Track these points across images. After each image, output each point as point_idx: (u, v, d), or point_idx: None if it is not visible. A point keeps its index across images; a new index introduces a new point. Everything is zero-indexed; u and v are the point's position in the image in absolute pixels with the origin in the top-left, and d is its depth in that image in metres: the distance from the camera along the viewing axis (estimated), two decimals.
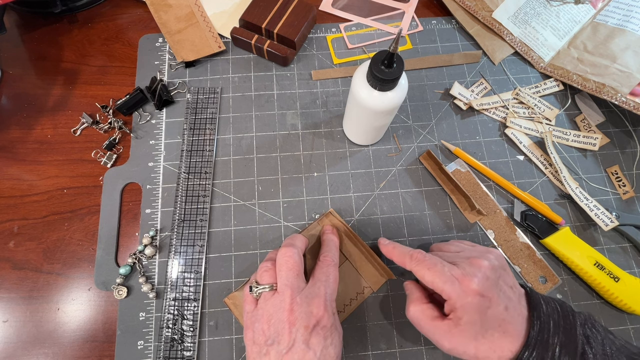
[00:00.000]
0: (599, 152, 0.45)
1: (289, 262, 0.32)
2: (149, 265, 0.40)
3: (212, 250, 0.41)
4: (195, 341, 0.38)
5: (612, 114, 0.47)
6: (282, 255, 0.33)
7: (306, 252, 0.38)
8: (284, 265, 0.32)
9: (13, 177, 0.43)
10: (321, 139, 0.45)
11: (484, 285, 0.29)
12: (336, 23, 0.51)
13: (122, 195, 0.43)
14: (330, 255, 0.36)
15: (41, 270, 0.40)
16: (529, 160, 0.45)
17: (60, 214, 0.42)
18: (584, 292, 0.40)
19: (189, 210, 0.42)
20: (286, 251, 0.33)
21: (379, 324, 0.39)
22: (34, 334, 0.38)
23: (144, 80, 0.47)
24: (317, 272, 0.34)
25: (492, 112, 0.47)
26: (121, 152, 0.45)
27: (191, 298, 0.39)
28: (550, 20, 0.49)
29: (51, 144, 0.45)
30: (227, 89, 0.47)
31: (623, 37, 0.46)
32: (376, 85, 0.33)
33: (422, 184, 0.44)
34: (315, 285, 0.32)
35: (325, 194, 0.43)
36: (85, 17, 0.51)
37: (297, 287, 0.31)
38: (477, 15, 0.50)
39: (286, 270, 0.32)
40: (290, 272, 0.32)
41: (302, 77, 0.48)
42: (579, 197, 0.42)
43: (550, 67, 0.48)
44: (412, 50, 0.50)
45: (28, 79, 0.48)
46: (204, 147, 0.44)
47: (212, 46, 0.48)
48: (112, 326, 0.38)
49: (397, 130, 0.46)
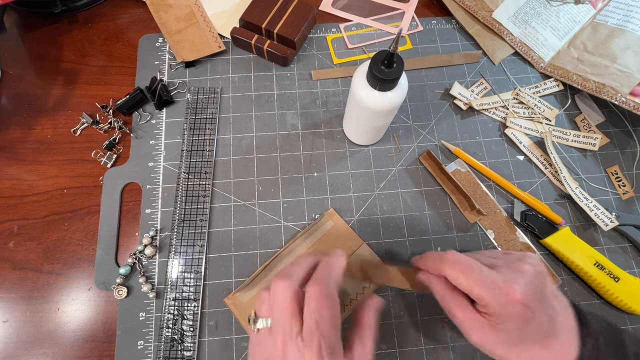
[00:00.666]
0: (599, 152, 0.45)
1: (280, 301, 0.27)
2: (149, 265, 0.40)
3: (212, 250, 0.41)
4: (195, 341, 0.37)
5: (612, 114, 0.47)
6: (274, 289, 0.28)
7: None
8: (276, 303, 0.27)
9: (13, 177, 0.43)
10: (321, 139, 0.45)
11: (527, 294, 0.26)
12: (336, 23, 0.51)
13: (122, 195, 0.43)
14: (319, 284, 0.27)
15: (41, 270, 0.40)
16: (529, 160, 0.45)
17: (60, 214, 0.42)
18: (584, 292, 0.40)
19: (189, 210, 0.42)
20: (278, 286, 0.27)
21: (379, 324, 0.39)
22: (34, 334, 0.38)
23: (144, 80, 0.47)
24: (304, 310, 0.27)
25: (492, 112, 0.47)
26: (121, 152, 0.45)
27: (191, 298, 0.39)
28: (550, 20, 0.49)
29: (51, 144, 0.45)
30: (227, 89, 0.47)
31: (623, 37, 0.46)
32: (376, 85, 0.33)
33: (422, 184, 0.44)
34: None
35: (325, 194, 0.43)
36: (85, 17, 0.51)
37: (290, 331, 0.26)
38: (477, 15, 0.50)
39: (278, 310, 0.27)
40: (281, 312, 0.26)
41: (302, 77, 0.48)
42: (579, 197, 0.42)
43: (550, 67, 0.48)
44: (412, 50, 0.50)
45: (28, 79, 0.48)
46: (204, 147, 0.44)
47: (212, 46, 0.48)
48: (112, 326, 0.38)
49: (397, 130, 0.46)
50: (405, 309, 0.39)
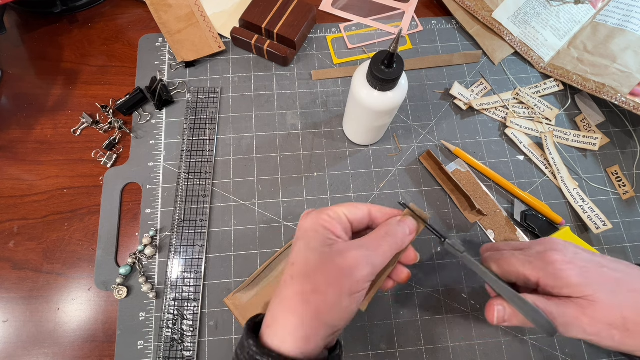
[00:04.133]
0: (599, 152, 0.45)
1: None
2: (149, 265, 0.40)
3: (212, 250, 0.41)
4: (195, 341, 0.37)
5: (612, 114, 0.47)
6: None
7: None
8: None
9: (13, 177, 0.43)
10: (321, 139, 0.45)
11: (569, 253, 0.28)
12: (336, 23, 0.51)
13: (122, 195, 0.43)
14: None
15: (41, 270, 0.40)
16: (529, 160, 0.45)
17: (60, 214, 0.42)
18: None
19: (189, 210, 0.42)
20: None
21: (378, 324, 0.39)
22: (34, 334, 0.38)
23: (144, 80, 0.47)
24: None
25: (492, 112, 0.47)
26: (121, 152, 0.45)
27: (191, 298, 0.39)
28: (550, 20, 0.49)
29: (51, 144, 0.45)
30: (227, 89, 0.47)
31: (623, 37, 0.46)
32: (376, 85, 0.33)
33: (422, 184, 0.44)
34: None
35: (325, 194, 0.43)
36: (85, 17, 0.51)
37: None
38: (477, 15, 0.50)
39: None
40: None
41: (302, 77, 0.48)
42: (574, 199, 0.42)
43: (550, 67, 0.48)
44: (412, 50, 0.50)
45: (28, 79, 0.48)
46: (204, 147, 0.44)
47: (212, 46, 0.48)
48: (112, 326, 0.38)
49: (397, 130, 0.46)
50: (405, 308, 0.39)
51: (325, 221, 0.27)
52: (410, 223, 0.28)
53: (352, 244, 0.26)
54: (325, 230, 0.27)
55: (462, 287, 0.40)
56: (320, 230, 0.27)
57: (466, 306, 0.39)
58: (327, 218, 0.27)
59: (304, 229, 0.28)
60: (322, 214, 0.28)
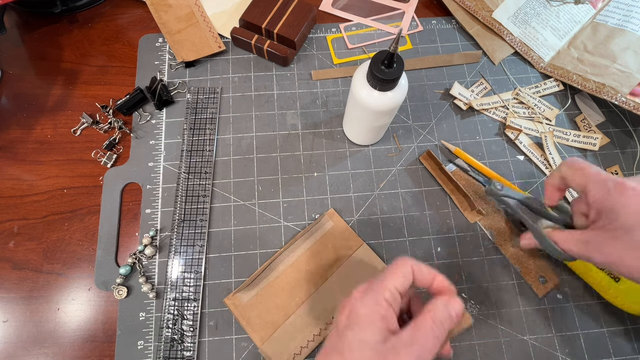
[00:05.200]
0: (599, 152, 0.45)
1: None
2: (149, 265, 0.40)
3: (212, 250, 0.41)
4: (195, 341, 0.37)
5: (612, 114, 0.47)
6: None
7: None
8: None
9: (13, 177, 0.43)
10: (321, 139, 0.45)
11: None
12: (336, 23, 0.51)
13: (122, 195, 0.43)
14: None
15: (41, 270, 0.40)
16: (529, 160, 0.45)
17: (60, 214, 0.42)
18: (584, 292, 0.40)
19: (189, 210, 0.42)
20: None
21: None
22: (34, 334, 0.38)
23: (144, 80, 0.47)
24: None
25: (492, 112, 0.47)
26: (121, 152, 0.45)
27: (191, 298, 0.39)
28: (550, 20, 0.49)
29: (51, 144, 0.45)
30: (227, 89, 0.47)
31: (623, 37, 0.46)
32: (376, 85, 0.33)
33: (422, 184, 0.44)
34: None
35: (325, 194, 0.43)
36: (85, 17, 0.51)
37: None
38: (477, 15, 0.50)
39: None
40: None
41: (302, 77, 0.48)
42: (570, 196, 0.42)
43: (550, 67, 0.48)
44: (412, 50, 0.50)
45: (28, 79, 0.48)
46: (204, 147, 0.44)
47: (212, 46, 0.48)
48: (112, 326, 0.38)
49: (397, 130, 0.46)
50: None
51: (383, 308, 0.26)
52: (456, 305, 0.27)
53: (403, 341, 0.25)
54: (382, 321, 0.25)
55: (462, 287, 0.40)
56: (376, 322, 0.25)
57: (466, 306, 0.39)
58: (385, 305, 0.26)
59: (358, 314, 0.26)
60: (379, 298, 0.26)
